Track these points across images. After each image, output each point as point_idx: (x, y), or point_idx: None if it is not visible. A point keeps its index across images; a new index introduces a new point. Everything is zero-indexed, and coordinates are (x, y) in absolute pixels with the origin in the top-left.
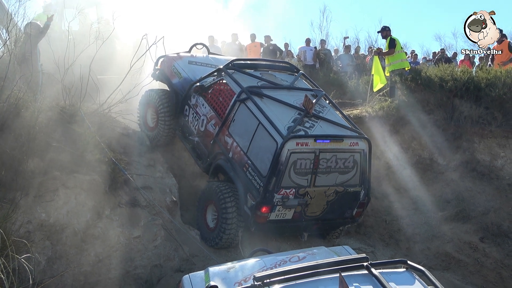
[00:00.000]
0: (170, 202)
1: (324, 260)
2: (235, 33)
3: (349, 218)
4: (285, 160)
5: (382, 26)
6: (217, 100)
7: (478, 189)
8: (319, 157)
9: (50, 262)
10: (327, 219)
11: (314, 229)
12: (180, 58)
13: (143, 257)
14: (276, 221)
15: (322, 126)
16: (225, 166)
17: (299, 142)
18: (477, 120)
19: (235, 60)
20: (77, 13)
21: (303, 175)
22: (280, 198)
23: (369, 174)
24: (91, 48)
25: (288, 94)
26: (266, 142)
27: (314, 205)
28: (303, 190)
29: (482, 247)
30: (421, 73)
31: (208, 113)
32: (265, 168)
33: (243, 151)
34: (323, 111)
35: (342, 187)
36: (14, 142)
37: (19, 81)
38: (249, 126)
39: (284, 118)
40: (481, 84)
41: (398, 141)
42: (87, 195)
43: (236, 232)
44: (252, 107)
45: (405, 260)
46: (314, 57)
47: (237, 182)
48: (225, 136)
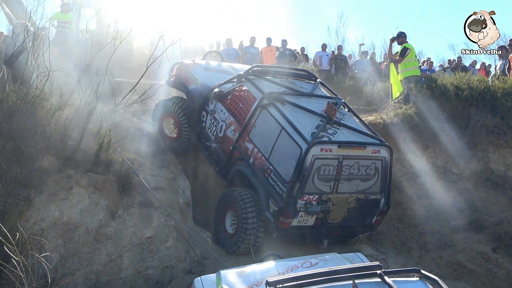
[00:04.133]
0: (182, 204)
1: (337, 267)
2: (253, 36)
3: (368, 226)
4: (310, 166)
5: (398, 32)
6: (237, 106)
7: (492, 199)
8: (342, 164)
9: (62, 260)
10: (347, 227)
11: (334, 237)
12: (196, 65)
13: (154, 258)
14: (298, 227)
15: (344, 133)
16: (246, 172)
17: (323, 148)
18: (492, 129)
19: (255, 66)
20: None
21: (326, 181)
22: (303, 204)
23: (389, 182)
24: (108, 47)
25: (308, 101)
26: (290, 147)
27: (336, 212)
28: (325, 197)
29: (494, 258)
30: (436, 81)
31: (227, 119)
32: (288, 173)
33: (264, 156)
34: (343, 119)
35: (363, 194)
36: (30, 140)
37: (36, 80)
38: (271, 132)
39: (307, 124)
40: (498, 93)
41: (412, 149)
42: (100, 194)
43: (255, 241)
44: (275, 113)
45: (419, 269)
46: (330, 62)
47: (258, 187)
48: (246, 142)
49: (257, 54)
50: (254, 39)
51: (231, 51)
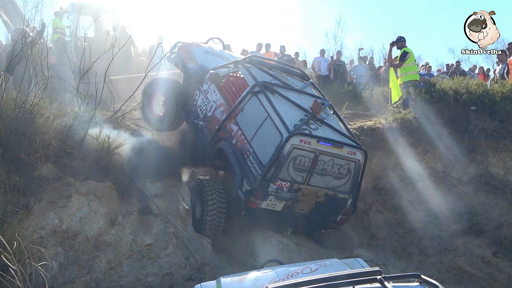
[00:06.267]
0: (182, 210)
1: (337, 273)
2: (260, 42)
3: (332, 223)
4: (287, 154)
5: (398, 37)
6: (229, 90)
7: (492, 203)
8: (318, 158)
9: (62, 268)
10: (312, 219)
11: (298, 227)
12: (198, 47)
13: (154, 265)
14: (266, 210)
15: (325, 130)
16: (227, 150)
17: (303, 140)
18: (491, 133)
19: (253, 56)
20: (94, 20)
21: (300, 172)
22: (275, 189)
23: (359, 184)
24: (107, 55)
25: (298, 97)
26: (272, 134)
27: (304, 203)
28: (297, 186)
29: (495, 262)
30: (435, 85)
31: (218, 100)
32: (265, 158)
33: (247, 139)
34: (327, 118)
35: (333, 191)
36: (29, 147)
37: (34, 88)
38: (257, 118)
39: (292, 116)
40: (496, 97)
41: (412, 153)
42: (100, 201)
43: (218, 225)
44: (264, 101)
45: (419, 274)
46: (328, 68)
47: (235, 166)
48: (231, 124)
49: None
50: (261, 45)
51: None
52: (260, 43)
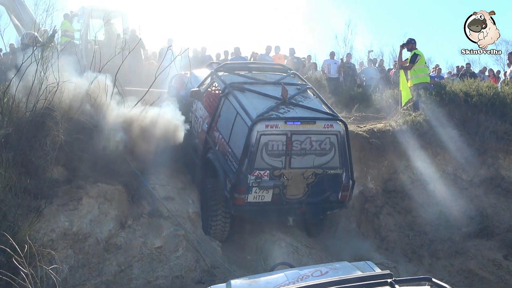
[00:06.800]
0: (192, 213)
1: (347, 276)
2: (269, 45)
3: (335, 202)
4: (256, 142)
5: (408, 39)
6: (209, 101)
7: (503, 205)
8: (291, 139)
9: (72, 270)
10: (311, 203)
11: (299, 213)
12: (190, 73)
13: (164, 268)
14: (255, 203)
15: (297, 111)
16: (212, 158)
17: (268, 124)
18: (502, 136)
19: (226, 63)
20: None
21: (277, 157)
22: (254, 180)
23: (349, 156)
24: (117, 58)
25: (274, 89)
26: (241, 128)
27: (293, 187)
28: (278, 172)
29: (506, 265)
30: (446, 87)
31: (203, 115)
32: (239, 152)
33: (226, 141)
34: (304, 101)
35: (321, 169)
36: (39, 150)
37: (45, 91)
38: (230, 118)
39: (259, 107)
40: (507, 99)
41: (422, 155)
42: (110, 204)
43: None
44: (232, 100)
45: (430, 277)
46: (338, 70)
47: (219, 169)
48: (214, 132)
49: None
50: (270, 48)
51: (239, 59)
52: (269, 46)
